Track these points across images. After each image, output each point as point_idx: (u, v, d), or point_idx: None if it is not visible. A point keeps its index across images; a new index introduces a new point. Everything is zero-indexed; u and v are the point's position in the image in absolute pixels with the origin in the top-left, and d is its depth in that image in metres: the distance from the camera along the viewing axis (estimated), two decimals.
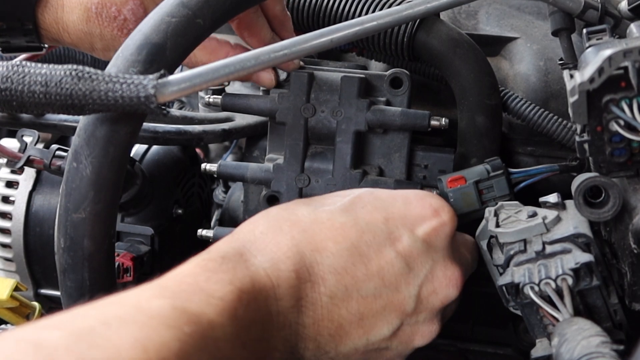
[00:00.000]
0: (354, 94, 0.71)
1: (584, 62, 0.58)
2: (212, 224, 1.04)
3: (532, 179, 0.71)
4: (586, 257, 0.57)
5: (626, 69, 0.52)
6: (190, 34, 0.63)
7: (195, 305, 0.48)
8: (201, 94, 0.97)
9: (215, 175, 0.77)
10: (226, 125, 0.84)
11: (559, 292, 0.57)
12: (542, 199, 0.64)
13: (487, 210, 0.66)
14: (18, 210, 0.84)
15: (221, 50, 0.74)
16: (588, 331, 0.50)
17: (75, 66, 0.57)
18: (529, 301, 0.58)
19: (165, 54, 0.61)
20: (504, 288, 0.60)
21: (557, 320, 0.56)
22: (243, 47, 0.75)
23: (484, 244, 0.66)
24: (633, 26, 0.62)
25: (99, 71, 0.57)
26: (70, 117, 0.80)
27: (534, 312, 0.59)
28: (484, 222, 0.66)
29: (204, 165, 0.77)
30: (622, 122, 0.54)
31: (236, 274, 0.53)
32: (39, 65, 0.57)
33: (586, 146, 0.57)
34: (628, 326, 0.61)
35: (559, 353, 0.51)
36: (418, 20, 0.75)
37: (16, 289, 0.76)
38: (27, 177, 0.86)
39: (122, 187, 0.63)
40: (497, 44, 0.85)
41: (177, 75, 0.58)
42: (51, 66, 0.57)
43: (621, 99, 0.53)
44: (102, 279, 0.62)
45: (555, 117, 0.75)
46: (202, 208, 0.96)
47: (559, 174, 0.71)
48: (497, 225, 0.63)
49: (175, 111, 0.90)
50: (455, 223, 0.64)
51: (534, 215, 0.62)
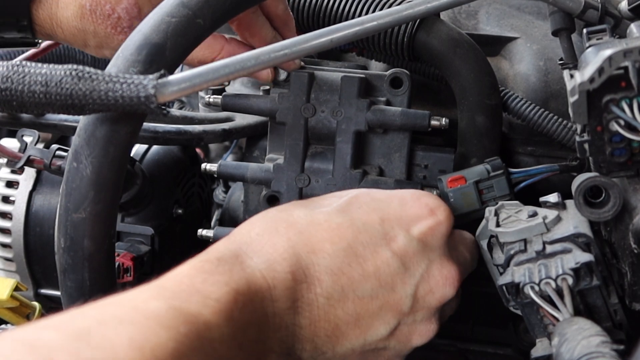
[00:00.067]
0: (354, 93, 0.71)
1: (584, 62, 0.58)
2: (212, 224, 1.04)
3: (532, 179, 0.71)
4: (586, 257, 0.57)
5: (626, 68, 0.52)
6: (191, 34, 0.63)
7: (191, 306, 0.48)
8: (201, 94, 0.97)
9: (216, 175, 0.77)
10: (226, 125, 0.84)
11: (559, 291, 0.57)
12: (542, 199, 0.64)
13: (487, 209, 0.66)
14: (18, 210, 0.84)
15: (216, 44, 0.74)
16: (588, 331, 0.50)
17: (75, 66, 0.57)
18: (529, 301, 0.58)
19: (165, 54, 0.61)
20: (504, 288, 0.60)
21: (557, 320, 0.56)
22: (237, 41, 0.75)
23: (484, 243, 0.66)
24: (633, 26, 0.62)
25: (99, 71, 0.57)
26: (71, 117, 0.80)
27: (534, 312, 0.59)
28: (484, 221, 0.66)
29: (204, 165, 0.77)
30: (622, 122, 0.54)
31: (232, 276, 0.53)
32: (39, 65, 0.57)
33: (586, 146, 0.57)
34: (628, 326, 0.61)
35: (559, 353, 0.51)
36: (418, 20, 0.75)
37: (16, 289, 0.76)
38: (27, 177, 0.86)
39: (122, 187, 0.63)
40: (497, 44, 0.85)
41: (177, 75, 0.58)
42: (51, 66, 0.57)
43: (621, 98, 0.53)
44: (103, 279, 0.62)
45: (555, 117, 0.75)
46: (202, 208, 0.96)
47: (559, 174, 0.71)
48: (498, 225, 0.63)
49: (175, 111, 0.90)
50: (452, 222, 0.64)
51: (534, 215, 0.62)
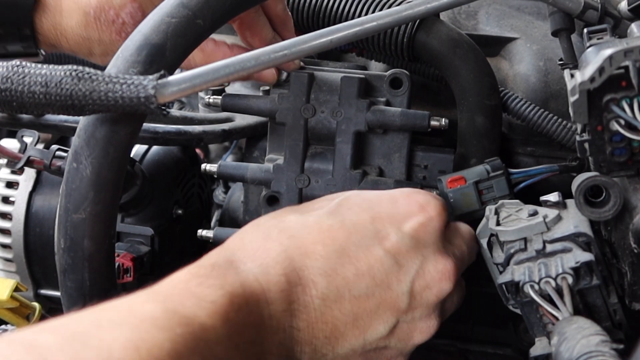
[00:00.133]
0: (354, 94, 0.71)
1: (584, 62, 0.58)
2: (212, 224, 1.04)
3: (532, 179, 0.71)
4: (586, 256, 0.57)
5: (627, 68, 0.52)
6: (190, 34, 0.63)
7: (187, 309, 0.49)
8: (201, 94, 0.97)
9: (215, 176, 0.77)
10: (226, 126, 0.84)
11: (558, 290, 0.57)
12: (542, 198, 0.64)
13: (487, 208, 0.66)
14: (18, 210, 0.84)
15: (218, 51, 0.74)
16: (587, 330, 0.50)
17: (75, 67, 0.57)
18: (528, 300, 0.58)
19: (165, 55, 0.61)
20: (503, 286, 0.60)
21: (557, 319, 0.56)
22: (241, 48, 0.75)
23: (484, 242, 0.66)
24: (634, 26, 0.62)
25: (98, 72, 0.57)
26: (70, 118, 0.80)
27: (534, 311, 0.59)
28: (484, 220, 0.66)
29: (204, 166, 0.77)
30: (622, 122, 0.54)
31: (226, 280, 0.54)
32: (39, 65, 0.57)
33: (586, 146, 0.57)
34: (627, 326, 0.61)
35: (559, 352, 0.51)
36: (418, 21, 0.75)
37: (16, 289, 0.76)
38: (27, 178, 0.86)
39: (122, 188, 0.63)
40: (496, 45, 0.85)
41: (177, 76, 0.58)
42: (51, 67, 0.57)
43: (622, 98, 0.53)
44: (102, 279, 0.62)
45: (555, 117, 0.75)
46: (202, 208, 0.96)
47: (558, 174, 0.72)
48: (498, 224, 0.63)
49: (175, 111, 0.90)
50: (445, 217, 0.63)
51: (534, 214, 0.62)
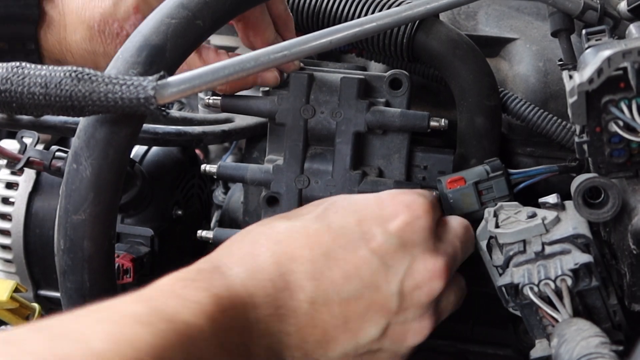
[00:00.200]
0: (354, 95, 0.71)
1: (583, 63, 0.58)
2: (212, 225, 1.04)
3: (531, 180, 0.71)
4: (585, 258, 0.57)
5: (625, 69, 0.52)
6: (190, 35, 0.63)
7: (170, 308, 0.49)
8: (201, 95, 0.97)
9: (215, 177, 0.77)
10: (226, 127, 0.84)
11: (558, 292, 0.57)
12: (541, 200, 0.64)
13: (486, 210, 0.66)
14: (18, 211, 0.84)
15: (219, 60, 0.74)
16: (587, 332, 0.50)
17: (74, 67, 0.57)
18: (528, 302, 0.58)
19: (165, 56, 0.61)
20: (503, 289, 0.60)
21: (557, 320, 0.56)
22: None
23: (483, 244, 0.66)
24: (632, 27, 0.62)
25: (98, 72, 0.57)
26: (70, 119, 0.80)
27: (533, 313, 0.59)
28: (483, 222, 0.66)
29: (203, 166, 0.77)
30: (621, 123, 0.54)
31: (212, 283, 0.54)
32: (39, 66, 0.57)
33: (585, 147, 0.57)
34: (627, 327, 0.61)
35: (558, 354, 0.51)
36: (417, 22, 0.75)
37: (16, 290, 0.76)
38: (26, 179, 0.86)
39: (122, 189, 0.63)
40: (496, 45, 0.85)
41: (177, 77, 0.58)
42: (51, 67, 0.57)
43: (620, 99, 0.53)
44: (102, 280, 0.62)
45: (555, 117, 0.75)
46: (202, 209, 0.96)
47: (558, 174, 0.72)
48: (497, 226, 0.63)
49: (175, 112, 0.90)
50: (434, 215, 0.63)
51: (533, 215, 0.62)
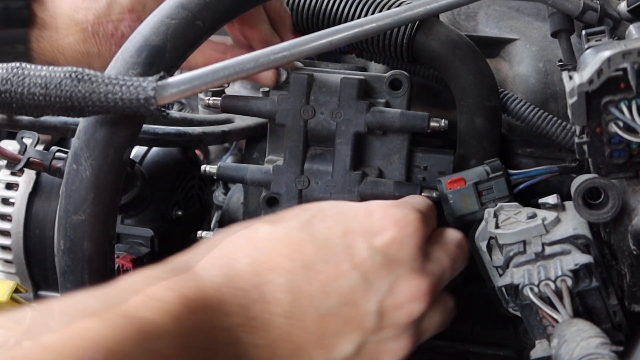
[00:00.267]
0: (354, 95, 0.71)
1: (583, 64, 0.58)
2: (212, 225, 1.04)
3: (531, 181, 0.71)
4: (585, 259, 0.57)
5: (625, 70, 0.52)
6: (190, 35, 0.63)
7: (130, 305, 0.48)
8: (201, 95, 0.97)
9: (215, 177, 0.77)
10: (226, 127, 0.84)
11: (558, 293, 0.57)
12: (541, 200, 0.64)
13: (486, 211, 0.66)
14: (18, 212, 0.84)
15: (218, 51, 0.74)
16: (587, 332, 0.50)
17: (74, 68, 0.57)
18: (528, 302, 0.58)
19: (165, 56, 0.61)
20: (503, 289, 0.60)
21: (557, 321, 0.56)
22: (240, 48, 0.75)
23: (483, 245, 0.66)
24: (632, 27, 0.62)
25: (98, 73, 0.58)
26: (70, 119, 0.80)
27: (534, 314, 0.59)
28: (483, 223, 0.66)
29: (203, 167, 0.77)
30: (621, 124, 0.54)
31: (183, 283, 0.53)
32: (39, 67, 0.57)
33: (585, 147, 0.57)
34: (627, 327, 0.61)
35: (559, 354, 0.51)
36: (417, 22, 0.75)
37: (16, 290, 0.76)
38: (26, 179, 0.86)
39: (121, 189, 0.63)
40: (496, 46, 0.85)
41: (177, 77, 0.58)
42: (51, 68, 0.57)
43: (620, 100, 0.53)
44: (102, 280, 0.62)
45: (555, 118, 0.75)
46: (202, 210, 0.96)
47: (558, 175, 0.72)
48: (497, 227, 0.63)
49: (174, 113, 0.90)
50: (424, 232, 0.60)
51: (533, 216, 0.62)
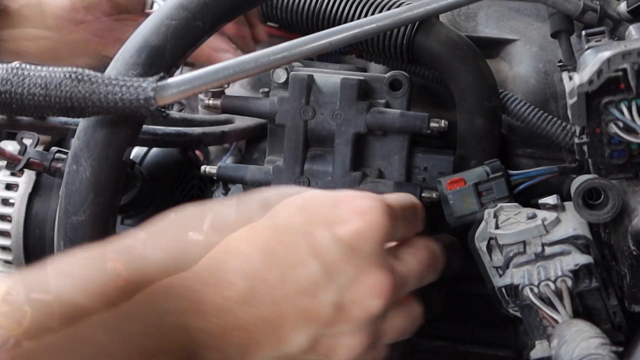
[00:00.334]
0: (353, 96, 0.71)
1: (582, 64, 0.58)
2: None
3: (531, 181, 0.71)
4: (585, 259, 0.57)
5: (625, 71, 0.52)
6: (190, 36, 0.63)
7: (56, 287, 0.46)
8: (201, 96, 0.97)
9: (215, 177, 0.77)
10: (226, 128, 0.84)
11: (558, 293, 0.57)
12: (541, 201, 0.64)
13: (486, 212, 0.66)
14: (18, 212, 0.84)
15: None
16: (587, 333, 0.50)
17: (74, 69, 0.57)
18: (528, 303, 0.58)
19: (165, 57, 0.61)
20: (503, 290, 0.60)
21: (557, 321, 0.56)
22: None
23: (483, 245, 0.66)
24: (632, 28, 0.62)
25: (98, 74, 0.58)
26: (70, 120, 0.80)
27: (533, 314, 0.59)
28: (483, 223, 0.66)
29: (203, 167, 0.77)
30: (621, 124, 0.54)
31: (117, 264, 0.50)
32: (39, 67, 0.57)
33: (585, 148, 0.57)
34: (627, 328, 0.61)
35: (559, 355, 0.51)
36: (417, 23, 0.75)
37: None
38: (26, 180, 0.86)
39: (121, 190, 0.63)
40: (496, 46, 0.85)
41: (177, 78, 0.58)
42: (51, 69, 0.57)
43: (620, 101, 0.53)
44: None
45: (555, 119, 0.75)
46: None
47: (558, 175, 0.72)
48: (497, 227, 0.63)
49: (174, 113, 0.90)
50: (390, 228, 0.56)
51: (533, 217, 0.62)
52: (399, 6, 0.75)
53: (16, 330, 0.46)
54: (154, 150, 0.88)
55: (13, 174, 0.86)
